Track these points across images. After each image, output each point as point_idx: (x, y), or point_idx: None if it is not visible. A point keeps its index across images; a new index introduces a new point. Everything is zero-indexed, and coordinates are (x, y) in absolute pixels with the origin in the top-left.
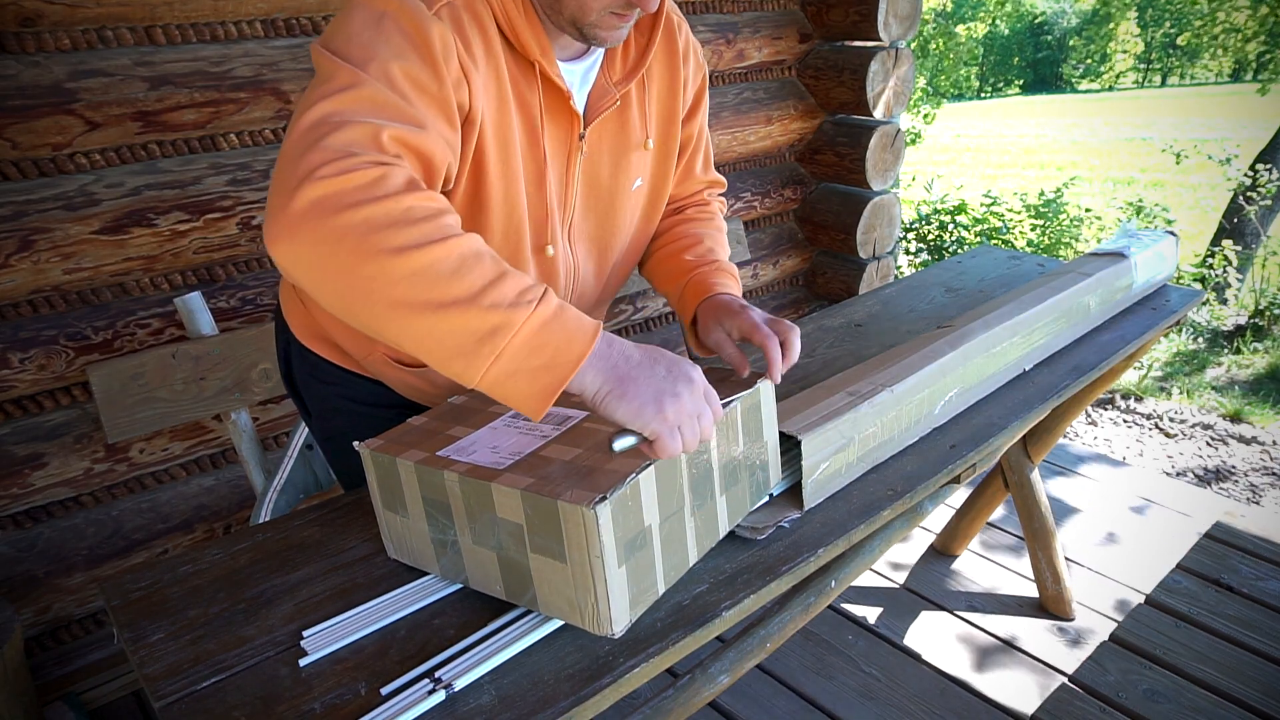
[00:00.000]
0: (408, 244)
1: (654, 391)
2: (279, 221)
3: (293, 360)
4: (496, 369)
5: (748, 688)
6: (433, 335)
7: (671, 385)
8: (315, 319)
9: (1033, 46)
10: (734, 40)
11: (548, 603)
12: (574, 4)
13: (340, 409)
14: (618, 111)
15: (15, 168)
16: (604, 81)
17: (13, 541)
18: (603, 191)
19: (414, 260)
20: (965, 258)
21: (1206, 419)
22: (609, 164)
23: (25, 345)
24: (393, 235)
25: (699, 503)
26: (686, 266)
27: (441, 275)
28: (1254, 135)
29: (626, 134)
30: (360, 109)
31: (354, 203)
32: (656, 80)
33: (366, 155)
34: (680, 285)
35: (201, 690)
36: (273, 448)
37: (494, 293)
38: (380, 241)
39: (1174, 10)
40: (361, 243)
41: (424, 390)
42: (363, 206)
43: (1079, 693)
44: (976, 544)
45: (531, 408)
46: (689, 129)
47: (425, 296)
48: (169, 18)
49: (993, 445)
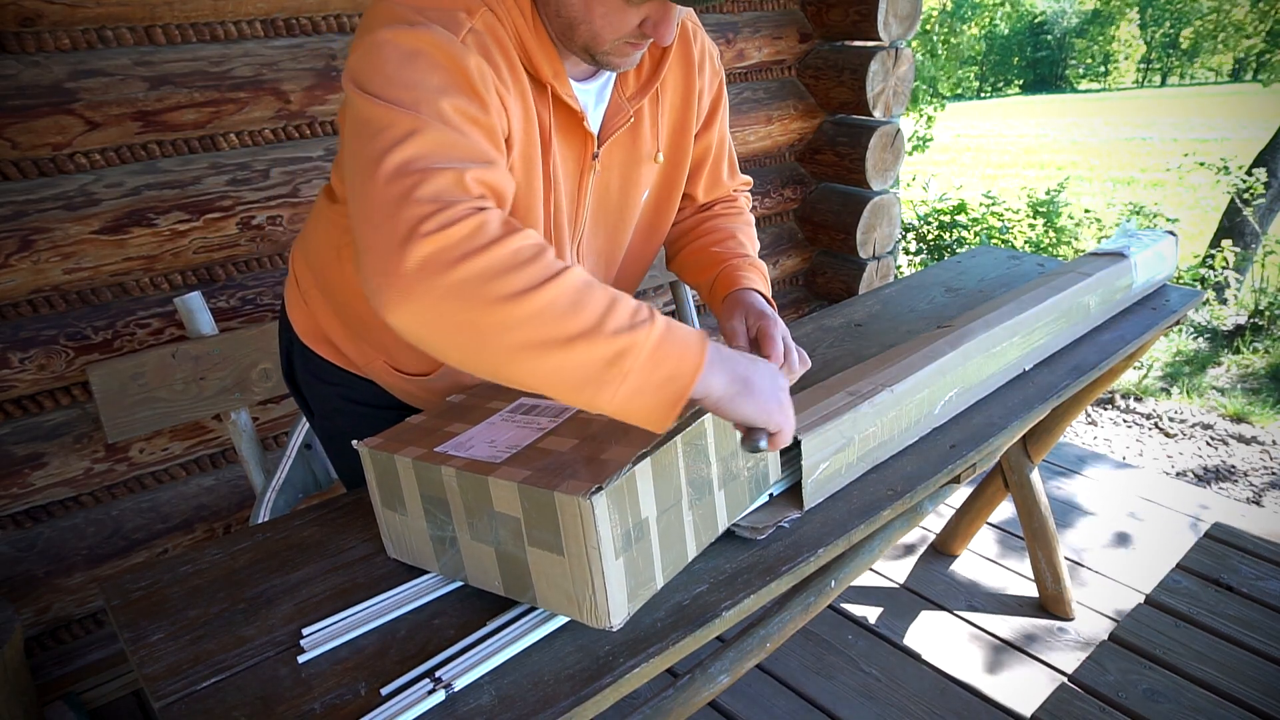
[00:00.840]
0: (524, 287)
1: (772, 389)
2: (393, 286)
3: (294, 360)
4: (625, 389)
5: (748, 688)
6: (561, 370)
7: (780, 383)
8: (319, 323)
9: (1032, 46)
10: (734, 40)
11: (546, 598)
12: (586, 32)
13: (342, 409)
14: (630, 126)
15: (15, 168)
16: (618, 98)
17: (13, 541)
18: (612, 206)
19: (533, 302)
20: (965, 258)
21: (1207, 419)
22: (619, 179)
23: (25, 345)
24: (508, 282)
25: (697, 496)
26: (717, 259)
27: (562, 312)
28: (1254, 135)
29: (638, 148)
30: (436, 154)
31: (464, 255)
32: (670, 91)
33: (461, 203)
34: (711, 278)
35: (201, 690)
36: (272, 448)
37: (613, 319)
38: (497, 290)
39: (1173, 10)
40: (479, 294)
41: (424, 399)
42: (473, 258)
43: (1079, 692)
44: (976, 544)
45: (658, 420)
46: (708, 137)
47: (550, 335)
48: (169, 18)
49: (993, 445)
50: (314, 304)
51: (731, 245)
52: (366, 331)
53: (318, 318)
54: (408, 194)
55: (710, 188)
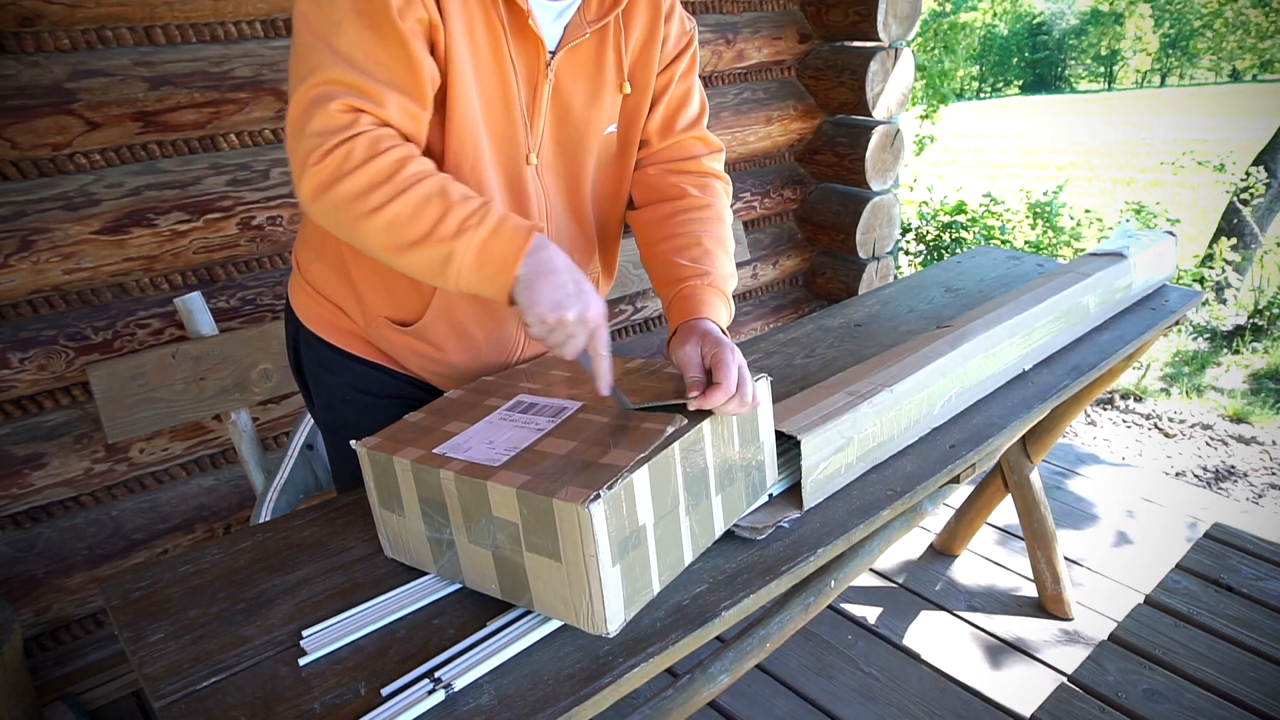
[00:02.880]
0: (378, 204)
1: (554, 300)
2: (301, 201)
3: (301, 350)
4: (463, 283)
5: (748, 688)
6: (415, 266)
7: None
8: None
9: (1031, 47)
10: (734, 40)
11: (543, 602)
12: None
13: (348, 399)
14: (594, 51)
15: (15, 168)
16: (579, 20)
17: (13, 541)
18: (574, 128)
19: (384, 215)
20: (965, 258)
21: (1206, 419)
22: (582, 102)
23: (25, 345)
24: (367, 200)
25: (694, 502)
26: (677, 276)
27: (405, 222)
28: (1254, 135)
29: (602, 75)
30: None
31: (334, 180)
32: (637, 30)
33: (337, 135)
34: (669, 297)
35: (201, 690)
36: (273, 448)
37: (443, 227)
38: (360, 207)
39: (1174, 10)
40: (349, 211)
41: (425, 354)
42: (340, 182)
43: (1078, 693)
44: (976, 544)
45: (500, 300)
46: (663, 79)
47: (399, 241)
48: (169, 18)
49: (992, 445)
50: (316, 279)
51: (695, 257)
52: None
53: (321, 291)
54: (302, 129)
55: (663, 131)
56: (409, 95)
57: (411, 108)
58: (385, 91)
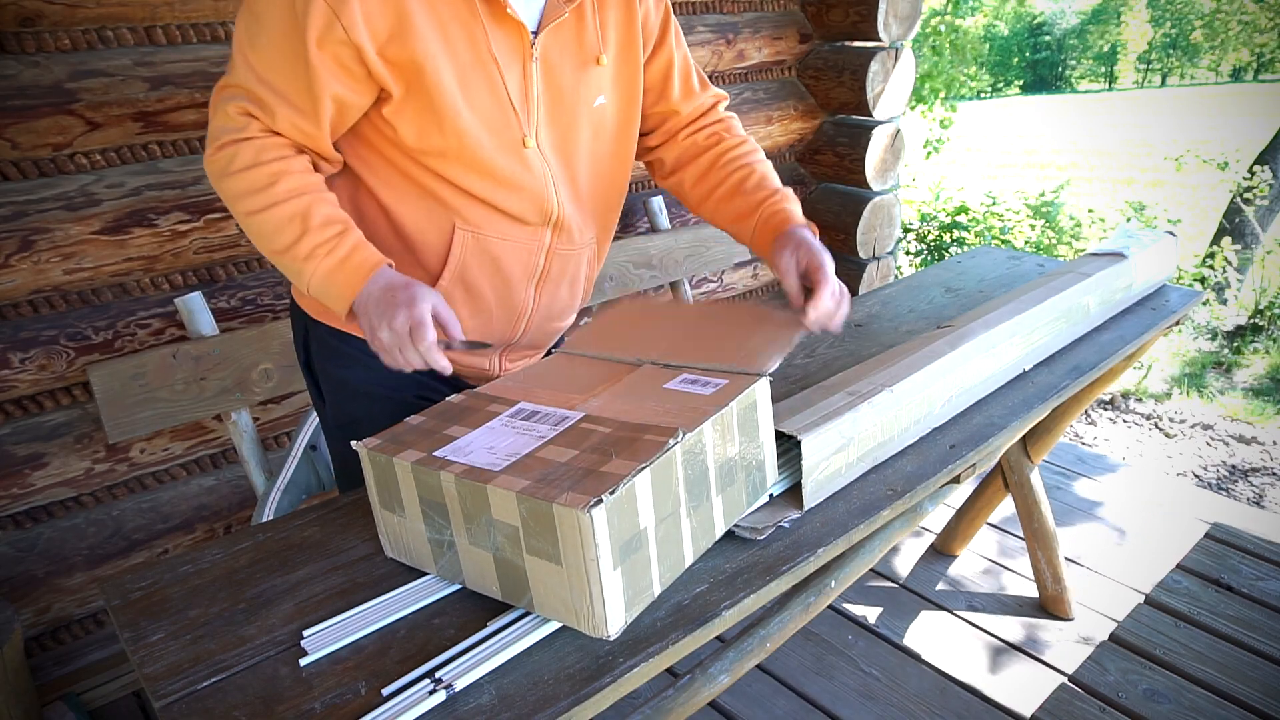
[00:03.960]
0: (250, 210)
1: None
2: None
3: (312, 347)
4: (314, 294)
5: (748, 688)
6: (280, 268)
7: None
8: None
9: (1031, 47)
10: (734, 40)
11: (544, 604)
12: None
13: (359, 392)
14: (573, 27)
15: (15, 168)
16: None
17: (13, 541)
18: (566, 105)
19: (252, 223)
20: (965, 258)
21: (1207, 419)
22: (570, 76)
23: (26, 345)
24: (243, 203)
25: (695, 504)
26: (754, 203)
27: (268, 235)
28: (1254, 135)
29: (583, 49)
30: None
31: (221, 177)
32: (613, 8)
33: (227, 137)
34: (753, 220)
35: (201, 690)
36: (273, 448)
37: (296, 248)
38: (238, 207)
39: (1174, 10)
40: (233, 206)
41: None
42: (225, 180)
43: (1079, 693)
44: (976, 544)
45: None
46: (664, 53)
47: (264, 246)
48: (169, 18)
49: (993, 445)
50: None
51: (759, 183)
52: None
53: None
54: (210, 120)
55: (685, 97)
56: (301, 113)
57: (303, 125)
58: (278, 105)
